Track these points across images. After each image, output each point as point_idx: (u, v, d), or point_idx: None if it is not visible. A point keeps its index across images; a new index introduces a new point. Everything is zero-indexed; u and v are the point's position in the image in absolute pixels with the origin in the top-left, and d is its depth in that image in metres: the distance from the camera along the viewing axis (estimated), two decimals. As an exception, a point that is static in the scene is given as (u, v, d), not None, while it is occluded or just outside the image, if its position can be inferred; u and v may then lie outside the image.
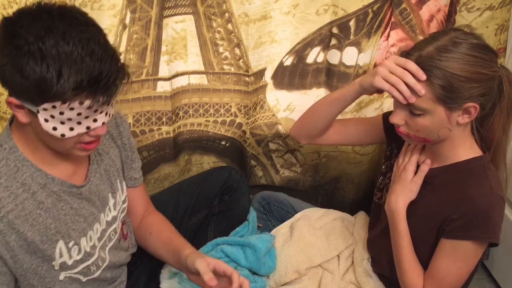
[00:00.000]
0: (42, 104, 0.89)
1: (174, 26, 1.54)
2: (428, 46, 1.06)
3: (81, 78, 0.87)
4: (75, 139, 0.97)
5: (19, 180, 0.98)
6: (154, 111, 1.64)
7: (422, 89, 1.04)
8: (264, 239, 1.52)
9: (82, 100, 0.90)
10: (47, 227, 1.02)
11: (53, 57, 0.85)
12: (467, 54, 1.04)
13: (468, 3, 1.55)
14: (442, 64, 1.03)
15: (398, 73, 1.06)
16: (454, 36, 1.06)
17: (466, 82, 1.03)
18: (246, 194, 1.66)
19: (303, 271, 1.46)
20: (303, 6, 1.57)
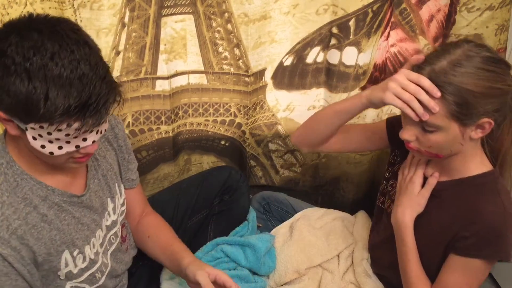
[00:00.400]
0: (30, 123, 0.87)
1: (173, 26, 1.54)
2: (440, 60, 1.02)
3: (69, 103, 0.83)
4: (65, 156, 0.95)
5: (20, 195, 0.97)
6: (153, 110, 1.64)
7: (436, 106, 1.00)
8: (264, 239, 1.52)
9: (71, 123, 0.87)
10: (52, 239, 1.01)
11: (41, 79, 0.82)
12: (481, 68, 1.00)
13: (468, 3, 1.54)
14: (456, 80, 0.99)
15: (411, 89, 1.02)
16: (466, 49, 1.02)
17: (481, 97, 1.00)
18: (245, 194, 1.65)
19: (303, 271, 1.46)
20: (302, 6, 1.57)
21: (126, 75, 1.54)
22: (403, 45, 1.68)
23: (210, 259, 1.48)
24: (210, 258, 1.49)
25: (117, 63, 1.52)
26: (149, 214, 1.40)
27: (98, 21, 1.43)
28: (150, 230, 1.34)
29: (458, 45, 1.04)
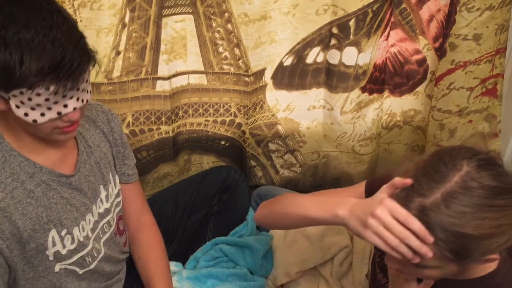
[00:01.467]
0: (11, 91, 0.89)
1: (173, 26, 1.54)
2: (433, 192, 0.83)
3: (42, 65, 0.86)
4: (49, 125, 0.96)
5: (8, 170, 0.99)
6: (154, 110, 1.64)
7: (429, 251, 0.82)
8: (263, 241, 1.52)
9: (47, 85, 0.90)
10: (38, 216, 1.03)
11: (15, 44, 0.86)
12: (483, 205, 0.82)
13: (468, 3, 1.54)
14: (453, 223, 0.82)
15: (397, 233, 0.82)
16: (465, 176, 0.83)
17: (484, 239, 0.83)
18: (245, 194, 1.65)
19: (293, 275, 1.45)
20: (302, 6, 1.57)
21: (126, 75, 1.55)
22: (403, 45, 1.69)
23: (209, 258, 1.49)
24: (209, 258, 1.49)
25: (118, 63, 1.52)
26: (145, 228, 1.37)
27: (98, 21, 1.43)
28: (141, 251, 1.34)
29: (455, 167, 0.85)
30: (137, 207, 1.37)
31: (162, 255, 1.35)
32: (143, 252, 1.34)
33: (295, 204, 1.12)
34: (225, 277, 1.41)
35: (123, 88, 1.56)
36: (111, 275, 1.26)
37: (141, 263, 1.33)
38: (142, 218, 1.38)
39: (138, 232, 1.36)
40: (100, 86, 1.54)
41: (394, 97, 1.77)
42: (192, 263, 1.51)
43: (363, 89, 1.71)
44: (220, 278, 1.41)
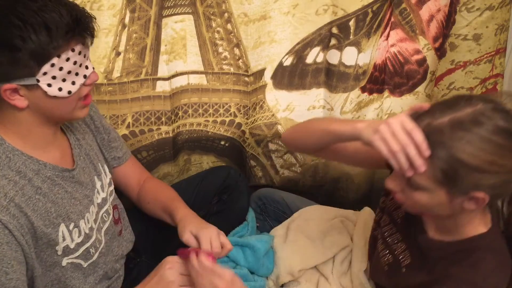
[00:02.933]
0: (41, 69, 0.93)
1: (173, 26, 1.54)
2: (443, 115, 0.89)
3: (66, 21, 0.92)
4: (76, 95, 1.02)
5: (14, 169, 1.00)
6: (154, 111, 1.64)
7: (422, 166, 0.89)
8: (263, 240, 1.52)
9: (73, 46, 0.96)
10: (47, 211, 1.04)
11: (32, 17, 0.90)
12: (487, 138, 0.87)
13: (468, 3, 1.54)
14: (450, 144, 0.87)
15: (400, 139, 0.89)
16: (478, 111, 0.88)
17: (476, 171, 0.88)
18: (245, 194, 1.65)
19: (296, 273, 1.45)
20: (302, 6, 1.57)
21: (126, 76, 1.54)
22: (403, 45, 1.68)
23: (209, 259, 1.49)
24: (209, 258, 1.49)
25: (118, 63, 1.52)
26: (147, 181, 1.44)
27: (98, 22, 1.40)
28: (149, 196, 1.40)
29: (470, 103, 0.90)
30: (136, 176, 1.42)
31: (172, 191, 1.42)
32: (151, 196, 1.40)
33: (320, 121, 1.24)
34: (226, 277, 1.41)
35: (123, 89, 1.56)
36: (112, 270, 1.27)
37: (152, 205, 1.39)
38: (143, 177, 1.44)
39: (142, 186, 1.42)
40: (100, 86, 1.53)
41: (394, 97, 1.77)
42: (192, 263, 1.50)
43: (363, 89, 1.71)
44: (221, 279, 1.40)
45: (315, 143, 1.20)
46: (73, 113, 1.05)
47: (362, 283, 1.40)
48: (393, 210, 1.21)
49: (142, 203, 1.41)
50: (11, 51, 0.90)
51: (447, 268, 1.01)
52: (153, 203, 1.39)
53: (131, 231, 1.39)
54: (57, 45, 0.92)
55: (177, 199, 1.37)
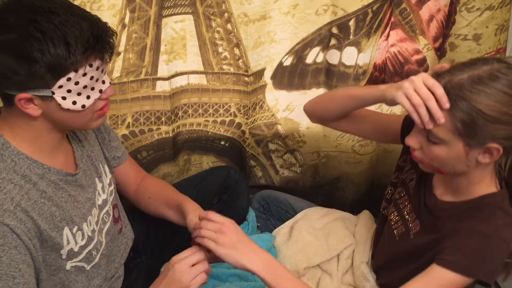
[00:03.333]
0: (57, 82, 0.94)
1: (173, 26, 1.54)
2: (462, 73, 0.97)
3: (86, 37, 0.92)
4: (91, 109, 1.02)
5: (19, 173, 0.99)
6: (153, 111, 1.64)
7: (442, 118, 0.96)
8: (264, 239, 1.52)
9: (91, 62, 0.96)
10: (52, 215, 1.04)
11: (53, 30, 0.90)
12: (503, 91, 0.94)
13: (468, 3, 1.54)
14: (470, 97, 0.94)
15: (422, 94, 0.97)
16: (494, 68, 0.96)
17: (492, 121, 0.94)
18: (245, 194, 1.65)
19: (301, 271, 1.46)
20: (302, 6, 1.57)
21: (126, 76, 1.54)
22: (403, 45, 1.68)
23: (210, 259, 1.49)
24: (210, 258, 1.49)
25: (117, 63, 1.51)
26: (145, 178, 1.44)
27: (98, 22, 1.43)
28: (149, 191, 1.40)
29: (487, 62, 0.98)
30: (134, 175, 1.42)
31: (171, 187, 1.43)
32: (151, 190, 1.40)
33: (344, 89, 1.34)
34: (226, 277, 1.41)
35: (123, 89, 1.56)
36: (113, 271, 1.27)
37: (153, 200, 1.39)
38: (140, 176, 1.44)
39: (140, 183, 1.42)
40: (100, 86, 1.53)
41: (394, 97, 1.77)
42: (192, 263, 1.50)
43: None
44: (221, 279, 1.41)
45: (338, 109, 1.27)
46: (88, 124, 1.06)
47: (363, 274, 1.41)
48: (409, 181, 1.26)
49: (142, 199, 1.41)
50: (29, 63, 0.90)
51: (456, 224, 1.07)
52: (154, 198, 1.39)
53: (130, 229, 1.39)
54: (75, 60, 0.92)
55: (180, 194, 1.38)
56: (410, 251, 1.20)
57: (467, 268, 1.02)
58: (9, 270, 0.93)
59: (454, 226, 1.07)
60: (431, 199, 1.17)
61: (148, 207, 1.40)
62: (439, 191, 1.17)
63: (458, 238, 1.04)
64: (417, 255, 1.16)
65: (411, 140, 1.06)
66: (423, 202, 1.19)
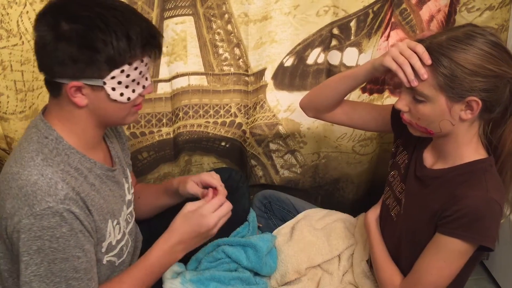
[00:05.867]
0: (111, 73, 0.99)
1: (174, 27, 1.54)
2: (442, 35, 1.07)
3: (145, 35, 1.00)
4: (132, 103, 1.08)
5: (73, 166, 1.05)
6: (154, 113, 1.64)
7: (426, 73, 1.05)
8: (265, 239, 1.52)
9: (143, 58, 1.03)
10: (101, 207, 1.09)
11: (118, 25, 0.96)
12: (478, 48, 1.03)
13: (468, 3, 1.55)
14: (449, 53, 1.04)
15: (407, 54, 1.07)
16: (470, 30, 1.06)
17: (470, 74, 1.03)
18: (246, 195, 1.65)
19: (303, 271, 1.46)
20: (303, 7, 1.57)
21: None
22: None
23: (211, 259, 1.49)
24: (211, 259, 1.49)
25: (118, 65, 1.51)
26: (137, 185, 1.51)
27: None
28: (138, 192, 1.43)
29: (463, 26, 1.09)
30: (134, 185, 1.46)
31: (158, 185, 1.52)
32: (140, 190, 1.45)
33: (332, 76, 1.41)
34: (228, 280, 1.41)
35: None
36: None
37: (143, 197, 1.44)
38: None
39: None
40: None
41: (394, 97, 1.77)
42: (193, 264, 1.50)
43: (364, 90, 1.72)
44: (223, 282, 1.41)
45: (334, 93, 1.35)
46: (126, 118, 1.11)
47: (364, 271, 1.43)
48: (401, 163, 1.33)
49: (134, 202, 1.42)
50: (91, 51, 0.96)
51: (452, 191, 1.12)
52: (144, 195, 1.44)
53: (139, 231, 1.42)
54: (134, 54, 1.00)
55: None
56: (408, 230, 1.25)
57: (470, 234, 1.08)
58: (75, 251, 1.00)
59: (451, 193, 1.12)
60: (422, 171, 1.23)
61: (141, 208, 1.42)
62: (430, 162, 1.23)
63: (455, 205, 1.09)
64: (416, 232, 1.21)
65: (400, 103, 1.14)
66: (413, 176, 1.25)
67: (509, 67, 1.06)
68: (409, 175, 1.27)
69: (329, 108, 1.40)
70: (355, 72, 1.28)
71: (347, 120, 1.44)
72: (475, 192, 1.09)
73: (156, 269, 1.18)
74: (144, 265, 1.16)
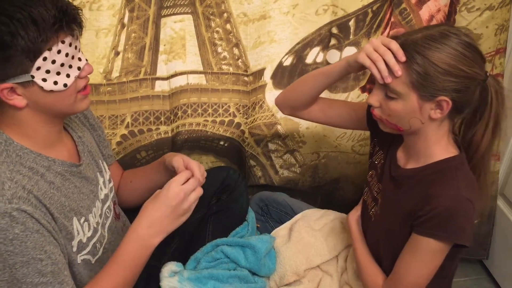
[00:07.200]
0: (34, 64, 0.94)
1: (172, 26, 1.54)
2: (417, 33, 1.07)
3: (52, 14, 0.93)
4: (73, 88, 1.02)
5: (26, 166, 1.01)
6: (153, 111, 1.64)
7: (399, 70, 1.05)
8: (264, 240, 1.52)
9: (62, 38, 0.96)
10: (62, 205, 1.06)
11: (18, 12, 0.90)
12: (452, 47, 1.04)
13: (468, 3, 1.54)
14: (424, 51, 1.04)
15: (381, 51, 1.07)
16: (445, 29, 1.06)
17: (442, 73, 1.03)
18: (244, 194, 1.65)
19: (301, 273, 1.46)
20: (302, 6, 1.57)
21: (125, 75, 1.54)
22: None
23: (210, 259, 1.48)
24: (210, 259, 1.48)
25: (117, 63, 1.51)
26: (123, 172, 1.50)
27: (98, 22, 1.43)
28: (129, 177, 1.44)
29: (438, 25, 1.11)
30: (119, 177, 1.46)
31: None
32: (131, 175, 1.45)
33: (307, 73, 1.39)
34: (226, 278, 1.41)
35: (122, 89, 1.56)
36: None
37: (135, 180, 1.43)
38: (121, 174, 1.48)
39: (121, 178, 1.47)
40: (99, 87, 1.53)
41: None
42: (192, 264, 1.50)
43: (363, 89, 1.71)
44: (221, 280, 1.40)
45: (310, 90, 1.35)
46: (74, 105, 1.06)
47: (355, 273, 1.42)
48: (378, 163, 1.34)
49: (125, 189, 1.44)
50: (2, 49, 0.91)
51: (424, 190, 1.12)
52: (136, 177, 1.43)
53: (129, 225, 1.39)
54: (46, 38, 0.93)
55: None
56: (384, 230, 1.25)
57: (443, 233, 1.08)
58: (35, 253, 0.95)
59: (424, 192, 1.12)
60: (396, 170, 1.23)
61: (133, 193, 1.41)
62: (403, 162, 1.23)
63: (428, 205, 1.09)
64: (392, 232, 1.22)
65: (371, 98, 1.14)
66: (388, 176, 1.25)
67: (481, 69, 1.07)
68: (384, 175, 1.27)
69: (305, 105, 1.39)
70: (330, 68, 1.27)
71: (324, 117, 1.44)
72: (446, 191, 1.09)
73: (131, 260, 1.11)
74: (117, 259, 1.09)
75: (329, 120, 1.45)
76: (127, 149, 1.68)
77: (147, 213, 1.11)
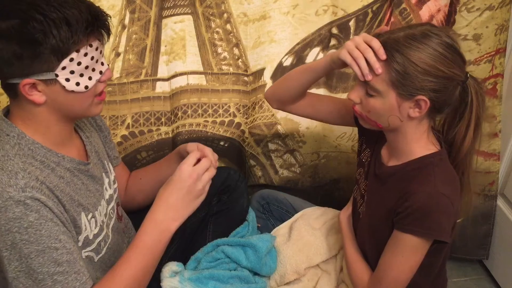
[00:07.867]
0: (60, 64, 0.96)
1: (173, 26, 1.54)
2: (399, 32, 1.08)
3: (86, 18, 0.95)
4: (92, 91, 1.04)
5: (37, 159, 1.02)
6: (153, 112, 1.64)
7: (380, 68, 1.06)
8: (265, 239, 1.52)
9: (91, 42, 0.99)
10: (72, 198, 1.07)
11: (54, 12, 0.92)
12: (432, 48, 1.04)
13: (468, 3, 1.54)
14: (404, 50, 1.04)
15: (362, 48, 1.08)
16: (427, 29, 1.07)
17: (421, 73, 1.04)
18: (244, 194, 1.65)
19: (302, 271, 1.46)
20: (302, 7, 1.57)
21: (126, 76, 1.54)
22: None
23: (210, 260, 1.49)
24: (210, 259, 1.49)
25: (117, 64, 1.51)
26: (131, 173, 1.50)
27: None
28: (139, 174, 1.45)
29: (421, 25, 1.10)
30: (126, 179, 1.46)
31: None
32: (139, 173, 1.46)
33: (295, 68, 1.39)
34: (227, 279, 1.41)
35: (122, 90, 1.56)
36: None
37: (144, 177, 1.44)
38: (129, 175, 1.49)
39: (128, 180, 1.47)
40: (99, 87, 1.53)
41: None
42: (193, 264, 1.50)
43: (363, 89, 1.71)
44: (222, 280, 1.40)
45: (296, 85, 1.36)
46: (89, 109, 1.08)
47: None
48: (365, 161, 1.35)
49: (134, 187, 1.44)
50: (32, 46, 0.93)
51: (404, 187, 1.13)
52: (145, 174, 1.44)
53: (131, 227, 1.41)
54: (77, 40, 0.96)
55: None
56: (370, 227, 1.27)
57: (421, 229, 1.10)
58: (50, 242, 0.96)
59: (405, 188, 1.13)
60: (380, 168, 1.25)
61: (142, 190, 1.42)
62: (386, 159, 1.25)
63: (406, 201, 1.11)
64: (377, 229, 1.23)
65: (352, 94, 1.16)
66: (373, 173, 1.28)
67: (460, 70, 1.08)
68: (370, 172, 1.29)
69: (292, 100, 1.40)
70: (316, 64, 1.29)
71: (313, 112, 1.45)
72: (423, 188, 1.10)
73: (150, 247, 1.10)
74: (136, 245, 1.09)
75: (318, 115, 1.46)
76: (128, 149, 1.68)
77: (163, 198, 1.12)
